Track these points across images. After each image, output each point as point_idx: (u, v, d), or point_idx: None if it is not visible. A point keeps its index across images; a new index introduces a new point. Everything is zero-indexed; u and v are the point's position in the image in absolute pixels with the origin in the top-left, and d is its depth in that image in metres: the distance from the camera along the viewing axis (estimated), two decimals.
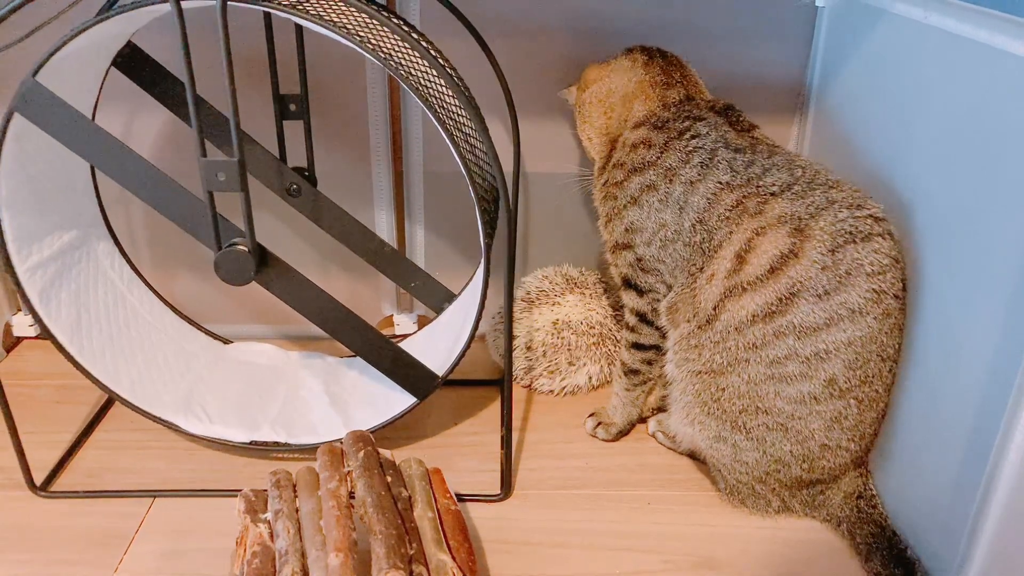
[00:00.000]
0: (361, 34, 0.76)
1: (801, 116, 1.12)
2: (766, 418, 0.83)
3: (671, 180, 0.86)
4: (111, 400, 1.04)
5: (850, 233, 0.79)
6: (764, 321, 0.80)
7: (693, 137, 0.87)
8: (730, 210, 0.83)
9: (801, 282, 0.79)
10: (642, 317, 0.93)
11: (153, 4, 0.72)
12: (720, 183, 0.84)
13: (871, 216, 0.81)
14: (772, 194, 0.82)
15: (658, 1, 1.05)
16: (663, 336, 0.92)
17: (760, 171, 0.84)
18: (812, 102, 1.09)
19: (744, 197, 0.83)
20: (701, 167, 0.85)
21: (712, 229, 0.84)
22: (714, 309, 0.83)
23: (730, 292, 0.82)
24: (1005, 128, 0.68)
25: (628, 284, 0.94)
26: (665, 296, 0.90)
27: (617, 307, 1.08)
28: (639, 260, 0.90)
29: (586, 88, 0.98)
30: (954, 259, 0.75)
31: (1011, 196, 0.67)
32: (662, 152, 0.88)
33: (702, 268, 0.85)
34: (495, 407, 1.08)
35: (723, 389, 0.84)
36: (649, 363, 0.96)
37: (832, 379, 0.80)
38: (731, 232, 0.83)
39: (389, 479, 0.77)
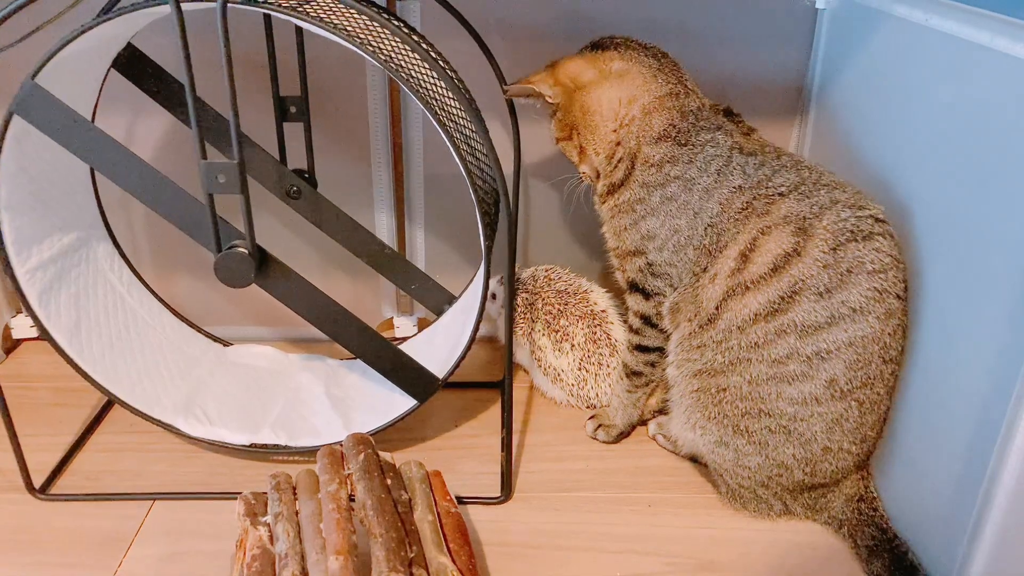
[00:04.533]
0: (361, 36, 0.76)
1: (801, 118, 1.11)
2: (768, 421, 0.83)
3: (690, 189, 0.86)
4: (111, 402, 1.04)
5: (851, 232, 0.79)
6: (766, 320, 0.80)
7: (713, 147, 0.87)
8: (740, 211, 0.83)
9: (803, 280, 0.79)
10: (647, 320, 0.93)
11: (153, 6, 0.72)
12: (734, 187, 0.84)
13: (872, 216, 0.81)
14: (780, 194, 0.82)
15: (659, 3, 1.05)
16: (667, 338, 0.92)
17: (770, 172, 0.84)
18: (813, 104, 1.09)
19: (754, 198, 0.83)
20: (718, 174, 0.85)
21: (721, 231, 0.84)
22: (716, 308, 0.83)
23: (733, 291, 0.82)
24: (1006, 130, 0.68)
25: (634, 288, 0.93)
26: (669, 298, 0.90)
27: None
28: (650, 265, 0.90)
29: (579, 89, 0.91)
30: (954, 261, 0.75)
31: (1012, 198, 0.67)
32: (687, 166, 0.87)
33: (705, 268, 0.85)
34: (495, 409, 1.08)
35: (724, 390, 0.84)
36: (652, 365, 0.96)
37: (833, 379, 0.80)
38: (738, 232, 0.83)
39: (389, 482, 0.77)
